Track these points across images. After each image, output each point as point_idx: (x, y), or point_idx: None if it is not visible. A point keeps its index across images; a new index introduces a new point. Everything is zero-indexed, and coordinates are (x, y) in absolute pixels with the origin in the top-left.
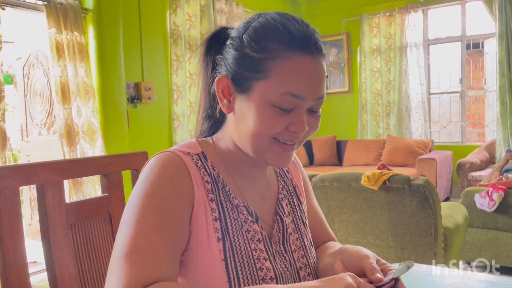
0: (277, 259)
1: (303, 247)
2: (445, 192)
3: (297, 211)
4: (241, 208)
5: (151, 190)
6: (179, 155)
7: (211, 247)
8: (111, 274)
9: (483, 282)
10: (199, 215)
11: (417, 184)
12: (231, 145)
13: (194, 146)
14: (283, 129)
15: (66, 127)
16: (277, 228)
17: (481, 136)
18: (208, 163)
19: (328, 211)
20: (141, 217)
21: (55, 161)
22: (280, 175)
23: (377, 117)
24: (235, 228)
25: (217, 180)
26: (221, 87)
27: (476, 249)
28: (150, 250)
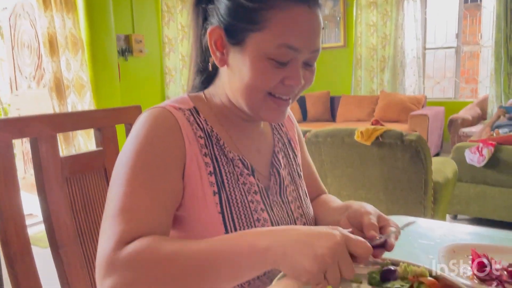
0: (274, 210)
1: (298, 198)
2: (436, 148)
3: (293, 163)
4: (236, 161)
5: (141, 148)
6: (170, 111)
7: (206, 201)
8: (104, 232)
9: (470, 234)
10: (192, 170)
11: (409, 140)
12: (225, 100)
13: (186, 101)
14: (278, 82)
15: (55, 81)
16: (274, 180)
17: (474, 92)
18: (201, 118)
19: (321, 166)
20: (131, 176)
21: (48, 114)
22: (275, 128)
23: (371, 73)
24: (230, 181)
25: (210, 135)
26: (213, 39)
27: (463, 202)
28: (142, 208)
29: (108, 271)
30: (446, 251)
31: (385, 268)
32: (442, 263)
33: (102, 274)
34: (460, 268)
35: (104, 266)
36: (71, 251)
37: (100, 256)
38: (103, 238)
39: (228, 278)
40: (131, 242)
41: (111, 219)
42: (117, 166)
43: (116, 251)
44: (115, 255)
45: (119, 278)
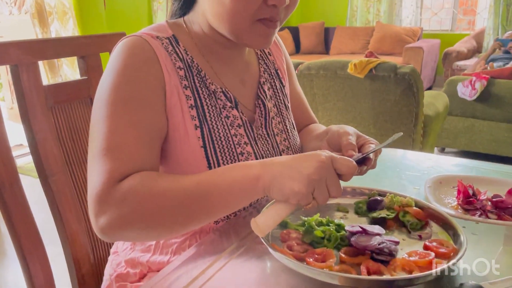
0: (259, 143)
1: (285, 130)
2: (429, 81)
3: (279, 94)
4: (219, 93)
5: (118, 82)
6: (146, 40)
7: (188, 135)
8: (91, 172)
9: (457, 165)
10: (173, 103)
11: (403, 73)
12: (205, 26)
13: (164, 29)
14: (261, 4)
15: (37, 7)
16: (259, 112)
17: (471, 24)
18: (180, 47)
19: (312, 99)
20: (113, 112)
21: (27, 40)
22: (262, 57)
23: (367, 3)
24: (213, 115)
25: (190, 65)
26: None
27: (452, 136)
28: (126, 144)
29: (102, 208)
30: (432, 182)
31: (371, 198)
32: (428, 194)
33: (96, 211)
34: (445, 199)
35: (97, 204)
36: (60, 180)
37: (91, 194)
38: (92, 176)
39: (220, 207)
40: (122, 179)
41: (98, 158)
42: (96, 101)
43: (108, 188)
44: (108, 193)
45: (114, 214)
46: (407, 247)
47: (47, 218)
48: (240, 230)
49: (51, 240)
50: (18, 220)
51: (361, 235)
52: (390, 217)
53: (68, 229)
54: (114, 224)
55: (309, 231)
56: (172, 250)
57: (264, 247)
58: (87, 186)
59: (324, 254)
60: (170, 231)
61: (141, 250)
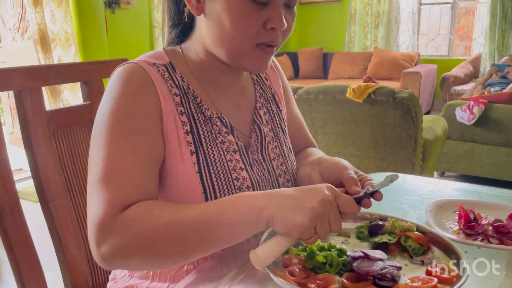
0: (254, 168)
1: (282, 155)
2: (427, 106)
3: (276, 119)
4: (215, 119)
5: (116, 109)
6: (143, 67)
7: (184, 160)
8: (90, 201)
9: (457, 190)
10: (169, 129)
11: (401, 97)
12: (201, 53)
13: (161, 56)
14: (260, 28)
15: (40, 33)
16: (255, 137)
17: (467, 50)
18: (177, 74)
19: (312, 123)
20: (111, 139)
21: (31, 66)
22: (258, 82)
23: (365, 29)
24: (208, 140)
25: (186, 92)
26: None
27: (451, 160)
28: (125, 171)
29: (103, 236)
30: (433, 207)
31: (373, 223)
32: (429, 218)
33: (97, 239)
34: (447, 223)
35: (98, 232)
36: (61, 205)
37: (92, 222)
38: (92, 204)
39: (224, 239)
40: (124, 207)
41: (97, 185)
42: (95, 128)
43: (110, 217)
44: (110, 221)
45: (116, 243)
46: (410, 273)
47: (45, 242)
48: (239, 256)
49: (50, 265)
50: (17, 245)
51: (363, 260)
52: (392, 242)
53: (67, 254)
54: (116, 253)
55: (311, 257)
56: (170, 276)
57: (265, 272)
58: (87, 214)
59: (326, 279)
60: (172, 262)
61: (140, 277)
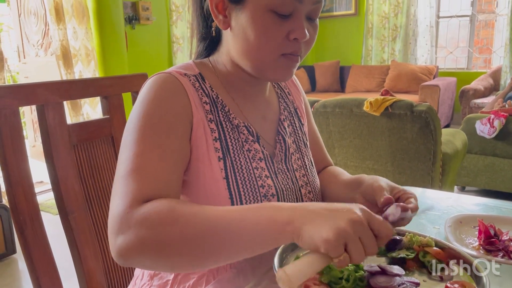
0: (279, 177)
1: (304, 167)
2: (446, 119)
3: (298, 132)
4: (242, 128)
5: (148, 110)
6: (176, 76)
7: (212, 166)
8: (115, 193)
9: (478, 205)
10: (198, 135)
11: (419, 110)
12: (229, 65)
13: (191, 68)
14: (284, 39)
15: (62, 49)
16: (279, 147)
17: (487, 62)
18: (206, 84)
19: (328, 136)
20: (140, 137)
21: (54, 82)
22: (282, 96)
23: (382, 42)
24: (235, 148)
25: (215, 101)
26: (214, 2)
27: (472, 174)
28: (151, 168)
29: (122, 228)
30: (453, 222)
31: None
32: (448, 234)
33: (116, 230)
34: (466, 239)
35: (117, 223)
36: (80, 217)
37: (113, 213)
38: (115, 197)
39: (241, 248)
40: (145, 201)
41: (123, 179)
42: (126, 129)
43: (130, 209)
44: (130, 213)
45: (133, 235)
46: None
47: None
48: (257, 268)
49: (68, 276)
50: (37, 257)
51: (381, 275)
52: (410, 257)
53: (85, 266)
54: (132, 246)
55: (327, 271)
56: (189, 285)
57: None
58: (110, 206)
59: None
60: (187, 264)
61: (158, 285)
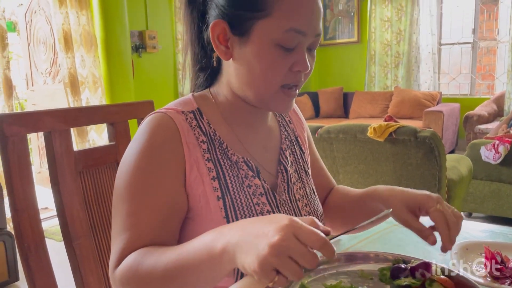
0: (281, 210)
1: (306, 196)
2: (451, 145)
3: (300, 160)
4: (241, 164)
5: (139, 163)
6: (171, 116)
7: (210, 206)
8: (113, 245)
9: (485, 231)
10: (192, 178)
11: (423, 136)
12: (229, 95)
13: (190, 103)
14: (287, 71)
15: (70, 77)
16: (281, 177)
17: (490, 88)
18: (204, 120)
19: (333, 162)
20: (131, 194)
21: (61, 109)
22: (283, 125)
23: (385, 69)
24: (235, 185)
25: (213, 138)
26: (216, 33)
27: (478, 200)
28: (142, 225)
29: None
30: (459, 249)
31: (395, 265)
32: (455, 261)
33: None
34: (473, 266)
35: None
36: (84, 244)
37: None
38: (113, 250)
39: (197, 284)
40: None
41: (114, 237)
42: (120, 176)
43: (113, 269)
44: (113, 273)
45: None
46: None
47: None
48: None
49: None
50: (41, 284)
51: None
52: (416, 285)
53: None
54: None
55: None
56: None
57: None
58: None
59: None
60: None
61: None
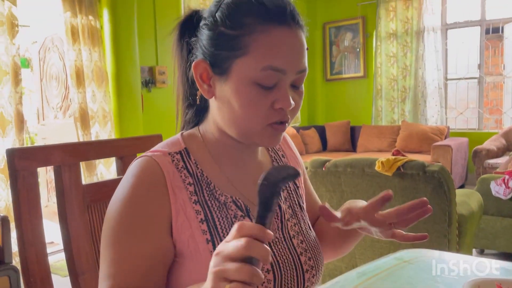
0: (274, 249)
1: (301, 232)
2: (460, 180)
3: (293, 195)
4: (229, 204)
5: (125, 212)
6: (156, 160)
7: (200, 249)
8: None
9: (497, 269)
10: (179, 223)
11: (432, 171)
12: (216, 133)
13: (178, 143)
14: (269, 108)
15: (81, 111)
16: (274, 215)
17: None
18: (191, 160)
19: (341, 196)
20: (116, 241)
21: (71, 143)
22: (275, 159)
23: (392, 103)
24: (224, 226)
25: (200, 179)
26: (199, 72)
27: (490, 236)
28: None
29: None
30: (470, 286)
31: None
32: None
33: None
34: None
35: None
36: (90, 279)
37: None
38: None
39: None
40: None
41: (100, 281)
42: (106, 223)
43: None
44: None
45: None
46: None
47: None
48: None
49: None
50: None
51: None
52: None
53: None
54: None
55: None
56: None
57: None
58: None
59: None
60: None
61: None
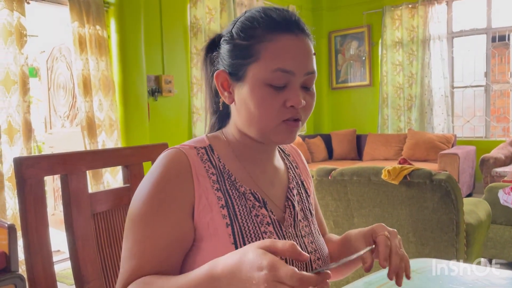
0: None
1: (311, 234)
2: (468, 188)
3: (305, 202)
4: (248, 195)
5: (150, 196)
6: (183, 151)
7: (219, 233)
8: (121, 268)
9: (506, 279)
10: (201, 207)
11: (439, 179)
12: (237, 135)
13: (203, 141)
14: (281, 107)
15: (88, 120)
16: (288, 212)
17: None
18: (215, 155)
19: (347, 205)
20: (143, 223)
21: (78, 152)
22: (290, 168)
23: (398, 111)
24: (243, 213)
25: (222, 171)
26: (220, 81)
27: (499, 246)
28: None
29: None
30: None
31: None
32: None
33: None
34: None
35: None
36: (95, 287)
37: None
38: (120, 272)
39: None
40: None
41: (123, 260)
42: (132, 203)
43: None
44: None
45: None
46: None
47: None
48: None
49: None
50: None
51: None
52: None
53: None
54: None
55: None
56: None
57: None
58: None
59: None
60: None
61: None
